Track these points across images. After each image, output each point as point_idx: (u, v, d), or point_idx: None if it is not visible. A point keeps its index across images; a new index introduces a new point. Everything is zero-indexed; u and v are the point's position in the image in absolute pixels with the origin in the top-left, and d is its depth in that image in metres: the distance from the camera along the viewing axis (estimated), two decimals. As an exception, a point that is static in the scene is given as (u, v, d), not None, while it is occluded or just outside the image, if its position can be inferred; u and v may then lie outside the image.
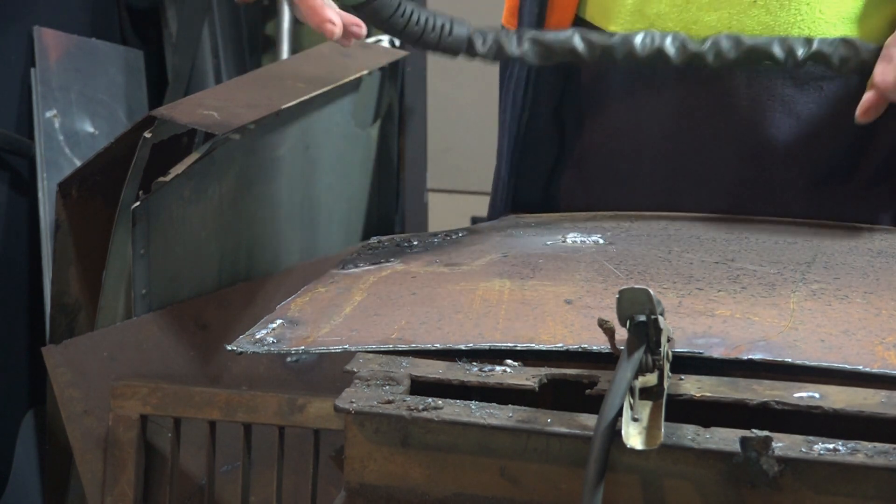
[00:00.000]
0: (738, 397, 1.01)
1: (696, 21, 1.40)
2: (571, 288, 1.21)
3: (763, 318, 1.13)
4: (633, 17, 1.43)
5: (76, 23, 2.80)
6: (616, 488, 0.97)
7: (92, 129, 2.70)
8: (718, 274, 1.24)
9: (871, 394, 1.01)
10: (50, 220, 2.47)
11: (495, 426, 0.99)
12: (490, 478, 1.01)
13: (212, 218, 1.81)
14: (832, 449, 0.94)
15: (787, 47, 1.32)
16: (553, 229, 1.41)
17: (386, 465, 1.03)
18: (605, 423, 0.95)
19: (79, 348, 1.77)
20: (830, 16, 1.38)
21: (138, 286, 1.74)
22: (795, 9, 1.38)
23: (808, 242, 1.35)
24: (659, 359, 0.99)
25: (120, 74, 2.84)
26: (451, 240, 1.40)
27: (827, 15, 1.38)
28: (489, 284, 1.23)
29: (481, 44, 1.33)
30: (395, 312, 1.18)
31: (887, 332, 1.10)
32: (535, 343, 1.10)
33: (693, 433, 0.96)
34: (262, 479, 1.74)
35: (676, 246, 1.33)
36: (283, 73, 2.12)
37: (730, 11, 1.39)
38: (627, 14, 1.43)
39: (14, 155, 2.60)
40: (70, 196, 1.88)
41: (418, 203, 3.01)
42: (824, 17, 1.38)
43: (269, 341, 1.14)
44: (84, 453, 1.77)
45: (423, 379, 1.07)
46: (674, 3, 1.41)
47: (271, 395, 1.69)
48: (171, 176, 1.72)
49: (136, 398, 1.72)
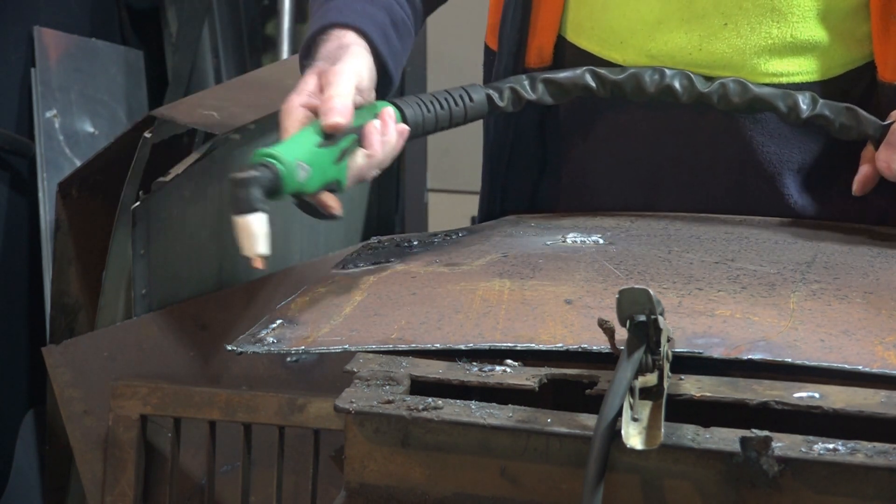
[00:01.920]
0: (738, 397, 1.01)
1: (666, 41, 1.41)
2: (571, 288, 1.21)
3: (763, 318, 1.13)
4: (605, 35, 1.44)
5: (76, 23, 2.80)
6: (616, 488, 0.97)
7: (92, 129, 2.70)
8: (718, 274, 1.24)
9: (871, 394, 1.01)
10: (50, 220, 2.47)
11: (495, 426, 0.99)
12: (490, 478, 1.01)
13: (212, 218, 1.81)
14: (832, 449, 0.94)
15: (791, 103, 1.34)
16: (553, 229, 1.41)
17: (386, 465, 1.03)
18: (605, 423, 0.95)
19: (79, 348, 1.77)
20: (801, 40, 1.39)
21: (138, 286, 1.74)
22: (766, 32, 1.39)
23: (808, 242, 1.35)
24: (659, 359, 0.99)
25: (120, 74, 2.84)
26: (451, 240, 1.40)
27: (798, 39, 1.39)
28: (489, 284, 1.23)
29: (499, 99, 1.37)
30: (395, 312, 1.18)
31: (887, 332, 1.10)
32: (535, 343, 1.10)
33: (693, 433, 0.97)
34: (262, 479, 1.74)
35: (676, 246, 1.33)
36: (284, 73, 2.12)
37: (700, 34, 1.40)
38: (601, 31, 1.44)
39: (14, 155, 2.60)
40: (70, 196, 1.88)
41: (418, 203, 3.01)
42: (795, 41, 1.39)
43: (269, 341, 1.15)
44: (84, 453, 1.76)
45: (423, 379, 1.07)
46: (645, 22, 1.41)
47: (271, 395, 1.69)
48: (171, 176, 1.72)
49: (136, 398, 1.72)
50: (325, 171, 1.21)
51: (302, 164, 1.17)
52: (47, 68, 2.66)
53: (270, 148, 1.17)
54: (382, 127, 1.27)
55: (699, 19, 1.39)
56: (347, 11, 1.35)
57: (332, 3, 1.36)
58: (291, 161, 1.16)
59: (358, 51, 1.31)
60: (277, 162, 1.15)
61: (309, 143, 1.20)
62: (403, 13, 1.40)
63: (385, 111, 1.28)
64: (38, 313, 2.55)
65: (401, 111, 1.31)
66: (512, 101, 1.37)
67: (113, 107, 2.79)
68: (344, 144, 1.23)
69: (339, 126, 1.21)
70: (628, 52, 1.43)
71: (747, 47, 1.39)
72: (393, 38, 1.37)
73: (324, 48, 1.32)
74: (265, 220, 1.12)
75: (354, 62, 1.28)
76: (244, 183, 1.12)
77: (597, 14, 1.44)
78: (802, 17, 1.38)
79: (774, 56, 1.39)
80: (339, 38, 1.32)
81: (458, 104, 1.35)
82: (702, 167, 1.44)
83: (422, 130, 1.33)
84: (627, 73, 1.36)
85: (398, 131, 1.28)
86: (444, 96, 1.35)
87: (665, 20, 1.40)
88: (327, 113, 1.21)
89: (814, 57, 1.40)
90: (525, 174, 1.53)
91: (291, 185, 1.17)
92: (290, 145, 1.20)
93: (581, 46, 1.46)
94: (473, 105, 1.36)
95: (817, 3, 1.38)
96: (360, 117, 1.25)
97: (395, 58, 1.37)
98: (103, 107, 2.76)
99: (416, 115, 1.32)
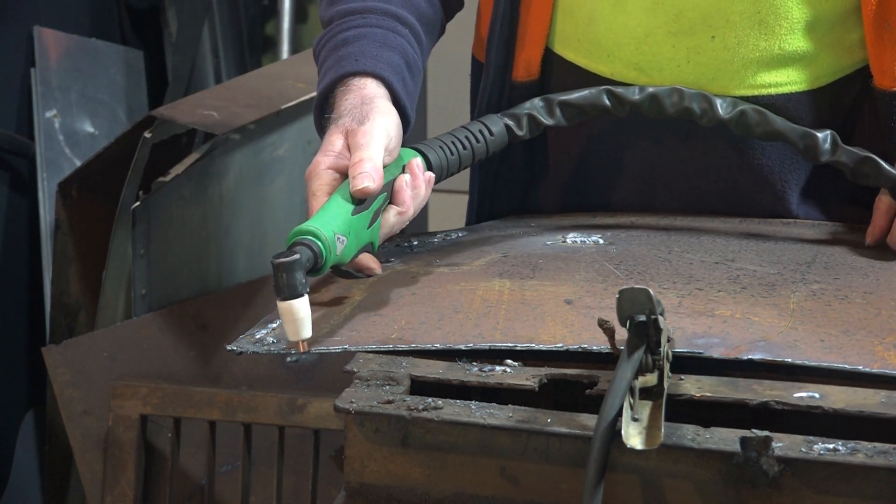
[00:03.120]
0: (738, 397, 1.01)
1: (655, 54, 1.40)
2: (571, 288, 1.21)
3: (763, 319, 1.13)
4: (592, 48, 1.43)
5: (76, 23, 2.80)
6: (616, 488, 0.97)
7: (92, 129, 2.70)
8: (718, 274, 1.24)
9: (871, 394, 1.01)
10: (50, 220, 2.47)
11: (495, 426, 0.99)
12: (490, 478, 1.01)
13: (212, 218, 1.81)
14: (832, 449, 0.94)
15: (811, 143, 1.32)
16: (553, 229, 1.41)
17: (386, 465, 1.03)
18: (605, 423, 0.95)
19: (79, 348, 1.78)
20: (789, 51, 1.38)
21: (138, 286, 1.75)
22: (753, 44, 1.38)
23: (808, 242, 1.35)
24: (659, 359, 0.99)
25: (120, 74, 2.84)
26: (451, 240, 1.40)
27: (786, 50, 1.38)
28: (489, 284, 1.23)
29: (517, 127, 1.35)
30: (395, 312, 1.18)
31: (887, 332, 1.10)
32: (535, 343, 1.10)
33: (693, 433, 0.97)
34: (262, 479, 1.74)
35: (676, 246, 1.33)
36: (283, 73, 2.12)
37: (688, 47, 1.39)
38: (588, 44, 1.43)
39: (14, 155, 2.60)
40: (70, 196, 1.89)
41: (418, 203, 3.00)
42: (783, 52, 1.38)
43: (269, 341, 1.14)
44: (84, 453, 1.77)
45: (423, 379, 1.07)
46: (632, 35, 1.41)
47: (271, 395, 1.69)
48: (171, 176, 1.72)
49: (136, 398, 1.72)
50: (360, 238, 1.19)
51: (339, 237, 1.15)
52: (47, 68, 2.66)
53: (308, 224, 1.14)
54: (413, 180, 1.25)
55: (686, 33, 1.39)
56: (364, 59, 1.31)
57: (345, 49, 1.33)
58: (330, 236, 1.13)
59: (384, 106, 1.27)
60: (317, 239, 1.12)
61: (344, 213, 1.17)
62: (413, 52, 1.37)
63: (413, 162, 1.26)
64: (38, 313, 2.55)
65: (425, 158, 1.28)
66: (530, 129, 1.36)
67: (113, 107, 2.79)
68: (376, 206, 1.21)
69: (371, 192, 1.18)
70: (616, 64, 1.42)
71: (735, 60, 1.39)
72: (408, 80, 1.34)
73: (345, 101, 1.28)
74: (308, 303, 1.10)
75: (383, 121, 1.25)
76: (288, 268, 1.09)
77: (584, 27, 1.43)
78: (790, 28, 1.38)
79: (763, 68, 1.39)
80: (361, 90, 1.29)
81: (479, 140, 1.33)
82: (696, 175, 1.44)
83: (447, 174, 1.31)
84: (646, 94, 1.35)
85: (426, 180, 1.26)
86: (464, 134, 1.33)
87: (652, 33, 1.40)
88: (358, 178, 1.18)
89: (803, 67, 1.39)
90: (514, 182, 1.52)
91: (331, 261, 1.14)
92: (326, 218, 1.16)
93: (569, 59, 1.45)
94: (493, 139, 1.34)
95: (805, 14, 1.38)
96: (389, 173, 1.23)
97: (411, 101, 1.35)
98: (103, 107, 2.76)
99: (440, 159, 1.30)
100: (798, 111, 1.39)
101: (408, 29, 1.38)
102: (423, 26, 1.41)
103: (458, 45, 1.51)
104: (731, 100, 1.34)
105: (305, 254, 1.11)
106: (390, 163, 1.24)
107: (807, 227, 1.41)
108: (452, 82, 1.46)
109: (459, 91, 1.69)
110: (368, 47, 1.33)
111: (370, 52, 1.32)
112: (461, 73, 1.60)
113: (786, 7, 1.37)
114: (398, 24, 1.37)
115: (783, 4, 1.37)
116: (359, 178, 1.18)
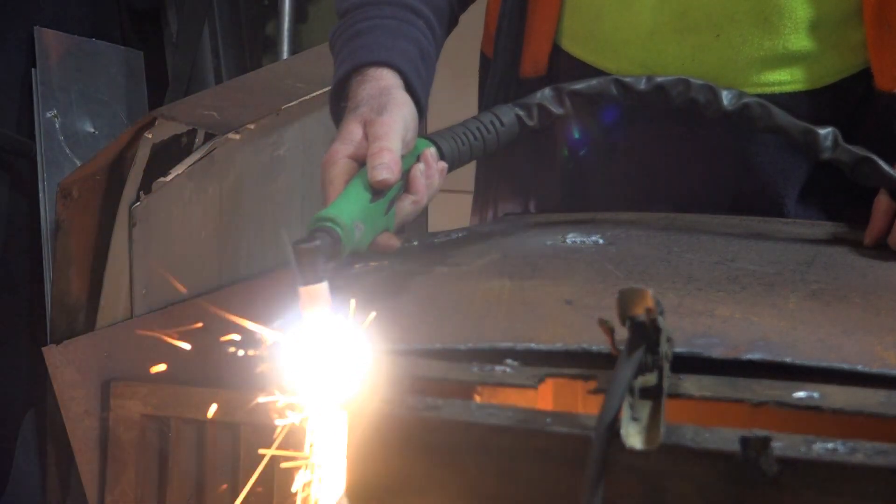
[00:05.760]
0: (738, 397, 1.01)
1: (660, 52, 1.40)
2: (571, 288, 1.21)
3: (763, 318, 1.13)
4: (599, 44, 1.43)
5: (77, 23, 2.81)
6: (616, 488, 0.97)
7: (92, 129, 2.70)
8: (718, 274, 1.24)
9: (870, 394, 1.01)
10: (50, 220, 2.47)
11: (495, 426, 0.99)
12: (490, 478, 1.01)
13: (212, 218, 1.81)
14: (831, 449, 0.94)
15: (812, 139, 1.32)
16: (553, 229, 1.41)
17: (386, 465, 1.03)
18: (604, 423, 0.95)
19: (79, 348, 1.78)
20: (793, 50, 1.38)
21: (138, 286, 1.75)
22: (758, 43, 1.38)
23: (808, 242, 1.35)
24: (659, 359, 0.99)
25: (120, 74, 2.84)
26: (451, 240, 1.40)
27: (790, 50, 1.38)
28: (489, 284, 1.23)
29: (528, 118, 1.36)
30: (396, 313, 1.18)
31: (886, 332, 1.10)
32: (535, 343, 1.10)
33: (693, 433, 0.96)
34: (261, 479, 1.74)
35: (676, 246, 1.33)
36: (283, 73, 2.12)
37: (693, 45, 1.40)
38: (595, 41, 1.44)
39: (14, 155, 2.60)
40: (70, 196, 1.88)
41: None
42: (787, 51, 1.38)
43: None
44: (84, 453, 1.77)
45: (423, 379, 1.07)
46: (638, 32, 1.41)
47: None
48: (171, 176, 1.72)
49: (136, 398, 1.72)
50: (377, 225, 1.21)
51: (357, 224, 1.16)
52: (48, 68, 2.67)
53: (328, 211, 1.15)
54: (427, 169, 1.25)
55: (692, 31, 1.39)
56: (380, 49, 1.33)
57: (361, 39, 1.35)
58: (349, 223, 1.15)
59: (401, 97, 1.28)
60: (336, 226, 1.13)
61: (362, 200, 1.19)
62: (427, 43, 1.39)
63: (427, 152, 1.27)
64: (39, 313, 2.55)
65: (438, 148, 1.29)
66: (540, 119, 1.36)
67: (113, 107, 2.79)
68: (392, 194, 1.22)
69: (389, 184, 1.20)
70: (622, 61, 1.42)
71: (740, 58, 1.39)
72: (422, 71, 1.36)
73: (362, 90, 1.30)
74: (328, 289, 1.10)
75: (401, 112, 1.26)
76: (310, 254, 1.10)
77: (591, 24, 1.44)
78: (794, 28, 1.38)
79: (767, 67, 1.39)
80: (378, 80, 1.30)
81: (490, 130, 1.34)
82: (697, 175, 1.44)
83: (458, 164, 1.32)
84: (653, 84, 1.35)
85: (439, 170, 1.27)
86: (475, 125, 1.34)
87: (658, 31, 1.40)
88: (377, 169, 1.19)
89: (806, 66, 1.40)
90: (518, 186, 1.52)
91: (349, 247, 1.16)
92: (345, 204, 1.18)
93: (576, 55, 1.46)
94: (505, 129, 1.34)
95: (809, 14, 1.38)
96: (405, 162, 1.24)
97: (425, 91, 1.36)
98: (103, 107, 2.77)
99: (453, 150, 1.31)
100: (800, 110, 1.39)
101: (422, 20, 1.39)
102: (436, 18, 1.42)
103: (456, 40, 1.51)
104: (737, 92, 1.34)
105: (326, 240, 1.12)
106: (407, 153, 1.26)
107: (806, 226, 1.41)
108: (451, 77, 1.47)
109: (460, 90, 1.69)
110: (384, 38, 1.34)
111: (386, 43, 1.33)
112: (460, 69, 1.60)
113: (790, 6, 1.37)
114: (413, 16, 1.38)
115: (787, 4, 1.37)
116: (378, 170, 1.19)
